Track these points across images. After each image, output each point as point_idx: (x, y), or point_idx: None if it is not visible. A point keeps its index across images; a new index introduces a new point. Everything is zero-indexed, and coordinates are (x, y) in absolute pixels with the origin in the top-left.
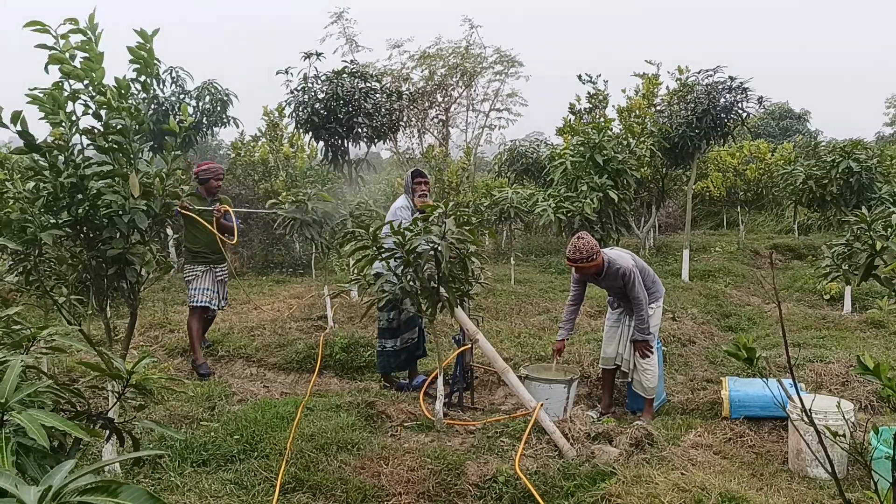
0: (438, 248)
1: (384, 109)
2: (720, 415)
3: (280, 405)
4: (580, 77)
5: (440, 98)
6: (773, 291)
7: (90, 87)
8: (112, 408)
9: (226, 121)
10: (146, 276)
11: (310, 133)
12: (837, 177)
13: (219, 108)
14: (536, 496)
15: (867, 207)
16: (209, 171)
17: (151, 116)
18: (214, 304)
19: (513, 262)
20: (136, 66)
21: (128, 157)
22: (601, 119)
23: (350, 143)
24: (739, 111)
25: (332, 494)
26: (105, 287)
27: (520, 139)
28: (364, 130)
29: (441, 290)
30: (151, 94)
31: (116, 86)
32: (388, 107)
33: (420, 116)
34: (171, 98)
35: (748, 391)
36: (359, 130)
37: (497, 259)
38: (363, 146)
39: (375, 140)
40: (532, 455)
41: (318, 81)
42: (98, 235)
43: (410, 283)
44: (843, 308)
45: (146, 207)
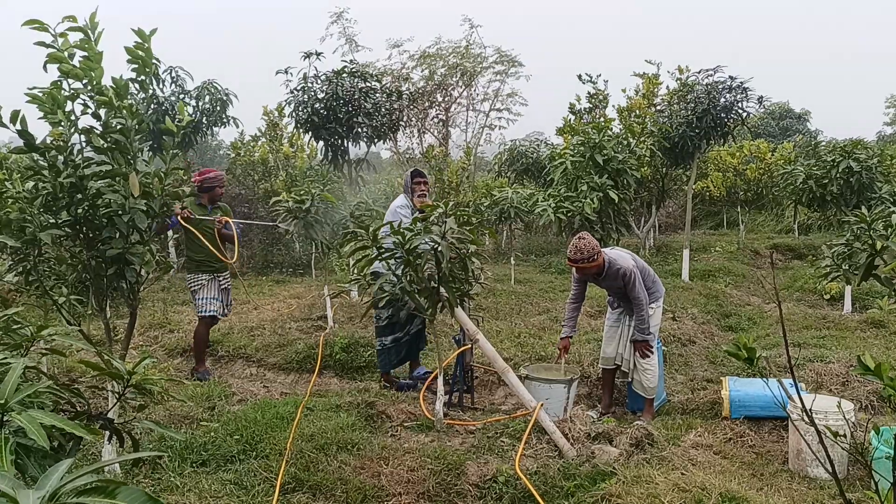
0: (439, 248)
1: (384, 109)
2: (720, 415)
3: (280, 405)
4: (580, 77)
5: (440, 98)
6: (774, 291)
7: (89, 87)
8: (112, 408)
9: (225, 121)
10: (146, 276)
11: (310, 133)
12: (837, 176)
13: (218, 108)
14: (536, 496)
15: (867, 207)
16: (214, 180)
17: (151, 116)
18: (220, 313)
19: (513, 262)
20: (135, 66)
21: (127, 157)
22: (601, 119)
23: (350, 143)
24: (739, 111)
25: (332, 494)
26: (105, 287)
27: (520, 139)
28: (364, 130)
29: (441, 290)
30: (150, 94)
31: (114, 86)
32: (388, 106)
33: (420, 116)
34: (171, 98)
35: (748, 391)
36: (359, 130)
37: (497, 259)
38: (363, 146)
39: (375, 140)
40: (532, 455)
41: (318, 81)
42: (97, 235)
43: (410, 283)
44: (844, 308)
45: (146, 207)
